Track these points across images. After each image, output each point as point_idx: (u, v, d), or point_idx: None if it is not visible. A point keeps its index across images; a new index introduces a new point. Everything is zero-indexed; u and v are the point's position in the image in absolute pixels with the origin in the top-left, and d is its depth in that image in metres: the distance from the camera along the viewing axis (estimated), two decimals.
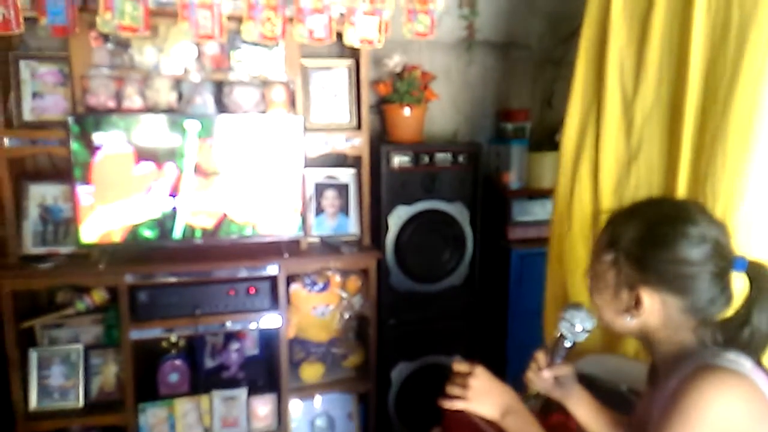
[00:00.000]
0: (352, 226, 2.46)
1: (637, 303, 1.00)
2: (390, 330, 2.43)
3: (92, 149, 1.99)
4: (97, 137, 1.98)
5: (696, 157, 1.38)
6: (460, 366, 1.14)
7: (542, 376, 1.19)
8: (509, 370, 2.53)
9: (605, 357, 1.70)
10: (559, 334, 1.18)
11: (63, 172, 2.11)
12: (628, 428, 1.17)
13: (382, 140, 2.49)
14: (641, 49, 1.53)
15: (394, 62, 2.39)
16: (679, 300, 0.97)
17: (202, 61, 2.12)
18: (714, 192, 1.34)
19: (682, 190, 1.43)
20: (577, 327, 1.16)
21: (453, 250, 2.50)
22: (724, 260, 0.96)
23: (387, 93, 2.43)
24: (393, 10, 2.17)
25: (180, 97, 2.11)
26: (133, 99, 2.03)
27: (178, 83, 2.11)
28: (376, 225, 2.41)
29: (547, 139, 2.91)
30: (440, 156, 2.44)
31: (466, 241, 2.52)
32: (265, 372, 2.40)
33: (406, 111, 2.43)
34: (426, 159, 2.42)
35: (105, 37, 2.02)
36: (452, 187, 2.47)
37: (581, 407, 1.21)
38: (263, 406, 2.26)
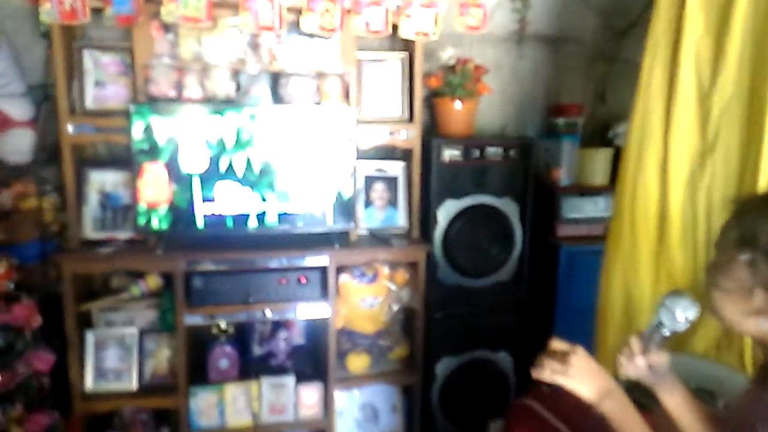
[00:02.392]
0: (400, 219, 2.46)
1: None
2: (436, 324, 2.43)
3: (153, 137, 2.03)
4: (157, 125, 2.02)
5: None
6: (558, 344, 1.11)
7: (635, 362, 1.14)
8: None
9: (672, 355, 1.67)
10: (657, 322, 1.13)
11: (122, 160, 2.16)
12: (723, 426, 1.12)
13: (432, 134, 2.48)
14: (720, 38, 1.49)
15: (448, 55, 2.38)
16: None
17: (259, 53, 2.14)
18: None
19: (763, 183, 1.38)
20: (678, 316, 1.10)
21: (501, 245, 2.48)
22: None
23: (438, 86, 2.42)
24: (447, 2, 2.16)
25: (238, 87, 2.14)
26: (192, 89, 2.06)
27: (235, 74, 2.13)
28: (425, 218, 2.41)
29: (599, 136, 2.86)
30: (491, 150, 2.42)
31: (515, 237, 2.49)
32: (312, 361, 2.42)
33: (458, 104, 2.42)
34: (476, 153, 2.40)
35: (166, 27, 2.06)
36: (502, 182, 2.45)
37: (674, 397, 1.16)
38: (310, 395, 2.28)
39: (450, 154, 2.37)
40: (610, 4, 2.82)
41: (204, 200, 2.11)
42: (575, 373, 1.06)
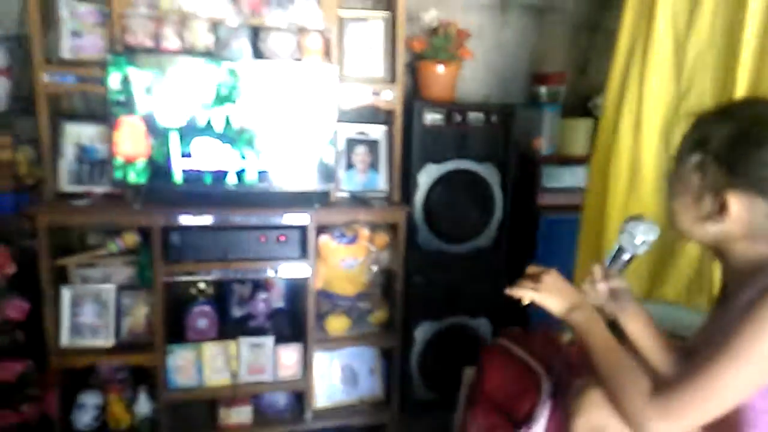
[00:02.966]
0: (381, 182, 2.45)
1: (722, 208, 0.96)
2: (416, 288, 2.43)
3: (129, 89, 1.99)
4: (134, 76, 1.99)
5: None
6: (534, 268, 1.17)
7: (597, 287, 1.18)
8: None
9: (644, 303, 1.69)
10: (617, 247, 1.16)
11: (99, 114, 2.12)
12: (685, 355, 1.15)
13: (414, 98, 2.47)
14: None
15: (431, 16, 2.37)
16: (767, 204, 0.94)
17: (239, 6, 2.11)
18: None
19: None
20: (637, 239, 1.14)
21: (482, 211, 2.49)
22: None
23: (421, 49, 2.41)
24: None
25: (217, 40, 2.11)
26: (170, 40, 2.03)
27: (215, 26, 2.10)
28: (406, 182, 2.40)
29: (581, 106, 2.88)
30: (473, 116, 2.42)
31: (495, 204, 2.50)
32: (291, 323, 2.42)
33: (440, 68, 2.41)
34: (458, 118, 2.40)
35: None
36: (484, 148, 2.45)
37: (635, 323, 1.19)
38: (289, 355, 2.28)
39: (432, 117, 2.37)
40: None
41: (182, 155, 2.08)
42: (546, 289, 1.12)
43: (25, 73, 2.09)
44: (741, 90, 1.38)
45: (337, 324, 2.35)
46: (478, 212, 2.49)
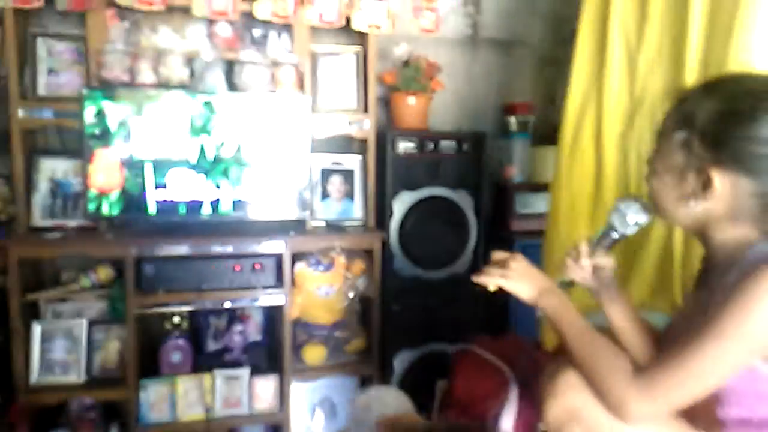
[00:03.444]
0: (357, 210, 2.48)
1: (706, 186, 0.96)
2: (393, 316, 2.43)
3: (105, 122, 2.02)
4: (109, 110, 2.02)
5: None
6: (499, 254, 1.16)
7: (581, 263, 1.17)
8: None
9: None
10: (609, 225, 1.16)
11: (73, 149, 2.15)
12: (663, 340, 1.14)
13: (388, 128, 2.53)
14: (643, 5, 1.60)
15: (401, 50, 2.45)
16: (751, 182, 0.93)
17: (214, 41, 2.17)
18: None
19: None
20: (629, 218, 1.13)
21: (457, 237, 2.52)
22: None
23: (393, 82, 2.48)
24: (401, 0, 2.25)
25: (192, 74, 2.16)
26: (146, 74, 2.08)
27: (190, 61, 2.16)
28: (381, 210, 2.43)
29: (550, 135, 2.94)
30: (444, 144, 2.48)
31: (470, 229, 2.53)
32: (268, 356, 2.39)
33: (411, 99, 2.48)
34: (431, 146, 2.46)
35: (121, 15, 2.08)
36: (456, 175, 2.50)
37: (615, 305, 1.19)
38: (265, 388, 2.24)
39: (405, 146, 2.42)
40: (555, 12, 2.96)
41: (157, 186, 2.10)
42: (514, 275, 1.12)
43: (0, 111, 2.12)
44: None
45: (314, 354, 2.33)
46: (453, 238, 2.52)
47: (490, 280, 1.14)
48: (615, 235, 1.16)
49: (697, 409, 0.95)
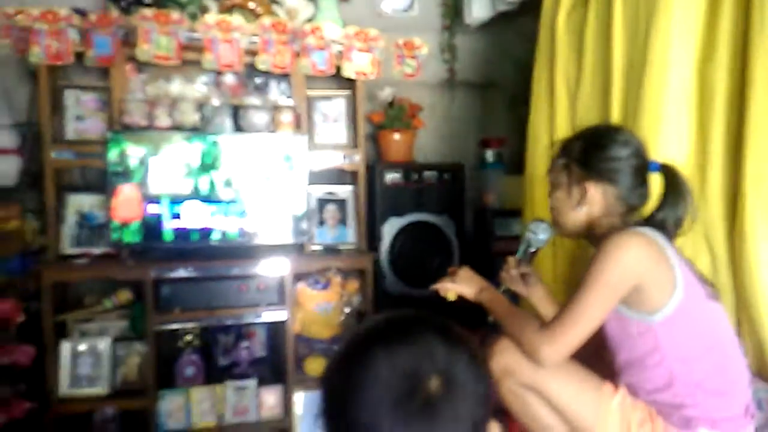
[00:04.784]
0: (350, 235, 2.75)
1: (584, 195, 1.36)
2: None
3: (126, 161, 2.31)
4: (130, 151, 2.31)
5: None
6: (452, 269, 1.59)
7: (511, 274, 1.59)
8: None
9: None
10: (526, 242, 1.57)
11: (97, 185, 2.43)
12: None
13: (376, 161, 2.84)
14: (579, 58, 2.00)
15: (386, 93, 2.78)
16: (613, 188, 1.34)
17: (221, 89, 2.49)
18: None
19: None
20: (540, 235, 1.55)
21: (441, 257, 2.79)
22: (642, 159, 1.36)
23: (380, 121, 2.80)
24: (382, 48, 2.58)
25: (202, 118, 2.47)
26: (162, 119, 2.38)
27: (200, 107, 2.46)
28: (372, 234, 2.72)
29: (522, 165, 3.26)
30: (427, 174, 2.79)
31: (453, 250, 2.81)
32: (273, 368, 2.62)
33: (396, 136, 2.80)
34: (415, 176, 2.77)
35: (139, 68, 2.40)
36: (439, 202, 2.80)
37: (539, 296, 1.60)
38: (271, 397, 2.47)
39: (392, 177, 2.73)
40: (524, 57, 3.29)
41: (172, 217, 2.38)
42: (460, 280, 1.55)
43: (33, 153, 2.40)
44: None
45: (315, 365, 2.56)
46: (438, 259, 2.79)
47: (443, 286, 1.57)
48: (531, 249, 1.59)
49: (595, 361, 1.33)
